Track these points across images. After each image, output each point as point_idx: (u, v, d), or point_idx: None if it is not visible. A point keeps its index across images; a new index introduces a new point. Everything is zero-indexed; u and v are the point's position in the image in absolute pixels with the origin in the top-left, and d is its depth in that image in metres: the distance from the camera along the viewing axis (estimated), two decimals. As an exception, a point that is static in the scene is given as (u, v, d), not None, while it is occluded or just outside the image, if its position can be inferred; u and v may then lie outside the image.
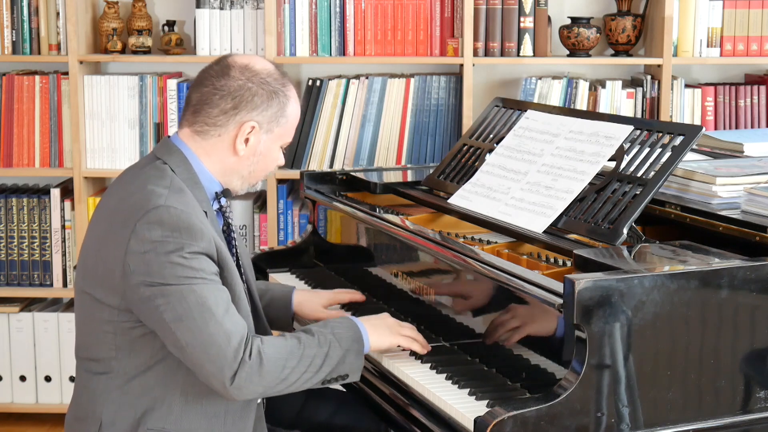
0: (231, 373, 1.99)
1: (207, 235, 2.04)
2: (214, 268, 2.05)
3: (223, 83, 2.14)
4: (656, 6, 3.72)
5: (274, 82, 2.17)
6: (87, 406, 2.12)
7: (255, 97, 2.15)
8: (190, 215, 2.03)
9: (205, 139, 2.17)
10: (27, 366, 3.87)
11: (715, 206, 2.36)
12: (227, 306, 2.03)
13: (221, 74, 2.15)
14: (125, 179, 2.17)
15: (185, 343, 1.99)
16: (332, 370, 2.11)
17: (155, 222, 2.01)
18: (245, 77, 2.15)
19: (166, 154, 2.16)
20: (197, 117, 2.16)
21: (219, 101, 2.14)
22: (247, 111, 2.15)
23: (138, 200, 2.05)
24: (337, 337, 2.13)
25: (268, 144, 2.20)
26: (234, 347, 1.99)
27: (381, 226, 2.63)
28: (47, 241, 3.80)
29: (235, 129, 2.15)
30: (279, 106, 2.18)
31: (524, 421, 1.83)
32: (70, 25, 3.67)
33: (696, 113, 3.73)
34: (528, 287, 2.03)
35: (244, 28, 3.74)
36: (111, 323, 2.07)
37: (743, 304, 1.99)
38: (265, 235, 3.76)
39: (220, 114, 2.14)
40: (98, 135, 3.75)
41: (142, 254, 2.00)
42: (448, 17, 3.72)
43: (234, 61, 2.17)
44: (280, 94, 2.18)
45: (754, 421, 2.02)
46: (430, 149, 3.75)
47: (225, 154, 2.18)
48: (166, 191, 2.06)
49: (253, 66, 2.17)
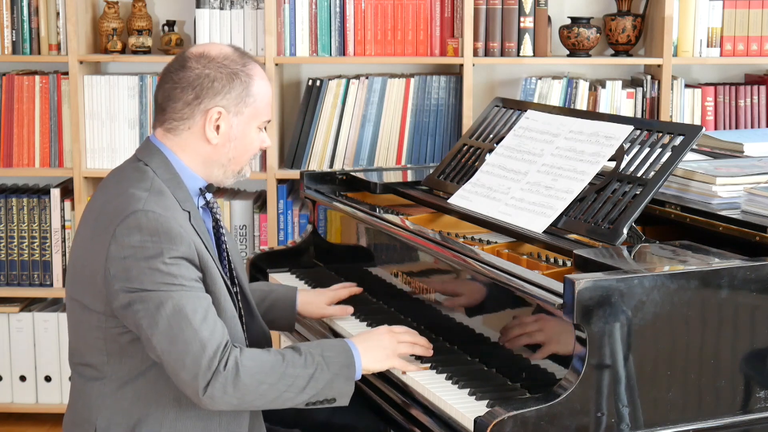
0: (204, 382, 1.96)
1: (187, 239, 2.02)
2: (194, 273, 2.03)
3: (181, 75, 2.13)
4: (656, 6, 3.72)
5: (232, 64, 2.15)
6: (82, 411, 2.12)
7: (214, 83, 2.12)
8: (169, 219, 2.01)
9: (177, 135, 2.15)
10: (27, 366, 3.87)
11: (715, 206, 2.36)
12: (206, 313, 2.00)
13: (179, 67, 2.14)
14: (109, 182, 2.16)
15: (161, 350, 1.97)
16: (317, 393, 2.07)
17: (134, 227, 1.99)
18: (201, 65, 2.13)
19: (147, 155, 2.15)
20: (165, 115, 2.15)
21: (180, 94, 2.13)
22: (210, 98, 2.12)
23: (118, 204, 2.04)
24: (326, 360, 2.08)
25: (241, 127, 2.17)
26: (209, 356, 1.96)
27: (381, 226, 2.63)
28: (47, 241, 3.80)
29: (202, 118, 2.13)
30: (242, 86, 2.15)
31: (524, 421, 1.83)
32: (70, 25, 3.67)
33: (696, 113, 3.73)
34: (528, 287, 2.03)
35: (244, 28, 3.74)
36: (100, 329, 2.06)
37: (743, 304, 1.99)
38: (265, 235, 3.76)
39: (184, 106, 2.13)
40: (98, 135, 3.75)
41: (122, 259, 1.98)
42: (448, 17, 3.72)
43: (190, 53, 2.16)
44: (241, 74, 2.15)
45: (754, 421, 2.02)
46: (430, 149, 3.75)
47: (199, 145, 2.15)
48: (146, 194, 2.05)
49: (209, 53, 2.15)
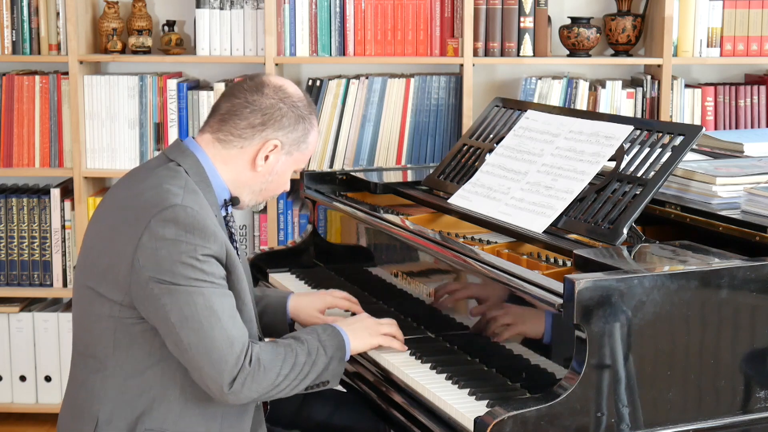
0: (230, 378, 2.01)
1: (219, 238, 2.05)
2: (222, 272, 2.07)
3: (256, 98, 2.18)
4: (656, 6, 3.72)
5: (303, 108, 2.23)
6: (83, 404, 2.12)
7: (284, 118, 2.19)
8: (204, 217, 2.05)
9: (226, 148, 2.19)
10: (27, 366, 3.88)
11: (715, 206, 2.36)
12: (232, 311, 2.05)
13: (255, 90, 2.20)
14: (136, 177, 2.17)
15: (188, 344, 2.00)
16: (317, 377, 2.13)
17: (171, 220, 2.02)
18: (278, 97, 2.20)
19: (179, 156, 2.17)
20: (223, 126, 2.19)
21: (249, 115, 2.18)
22: (274, 129, 2.19)
23: (153, 197, 2.06)
24: (323, 344, 2.15)
25: (285, 166, 2.24)
26: (236, 353, 2.01)
27: (381, 226, 2.63)
28: (47, 241, 3.80)
29: (259, 144, 2.19)
30: (303, 131, 2.23)
31: (524, 421, 1.83)
32: (70, 25, 3.67)
33: (696, 113, 3.73)
34: (528, 287, 2.03)
35: (244, 28, 3.74)
36: (111, 318, 2.07)
37: (743, 304, 1.99)
38: (265, 235, 3.76)
39: (248, 127, 2.18)
40: (98, 135, 3.75)
41: (154, 250, 2.01)
42: (448, 17, 3.72)
43: (269, 80, 2.22)
44: (307, 120, 2.23)
45: (754, 421, 2.01)
46: (430, 149, 3.75)
47: (243, 166, 2.20)
48: (182, 191, 2.07)
49: (287, 89, 2.22)
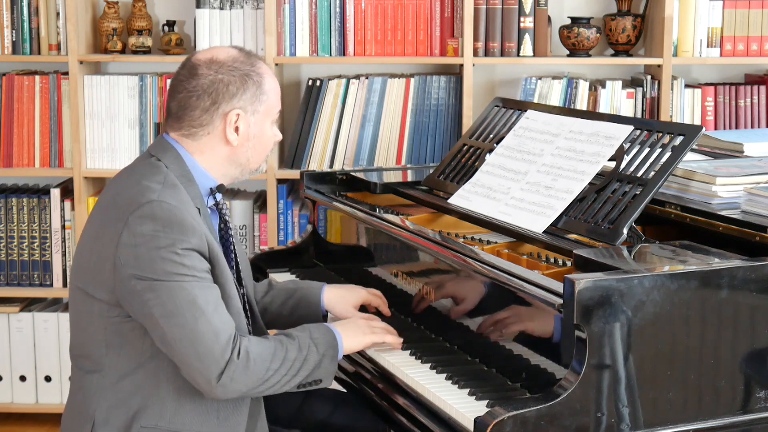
0: (218, 371, 2.01)
1: (199, 231, 2.05)
2: (205, 265, 2.06)
3: (195, 83, 2.16)
4: (656, 6, 3.72)
5: (242, 66, 2.19)
6: (81, 404, 2.14)
7: (229, 86, 2.16)
8: (182, 211, 2.05)
9: (195, 140, 2.19)
10: (27, 366, 3.88)
11: (715, 206, 2.35)
12: (216, 304, 2.04)
13: (190, 76, 2.17)
14: (121, 176, 2.19)
15: (173, 339, 2.01)
16: (309, 374, 2.12)
17: (148, 216, 2.02)
18: (213, 70, 2.17)
19: (160, 151, 2.18)
20: (182, 123, 2.18)
21: (197, 102, 2.16)
22: (227, 101, 2.16)
23: (131, 195, 2.07)
24: (315, 341, 2.14)
25: (258, 125, 2.22)
26: (222, 345, 2.01)
27: (381, 226, 2.62)
28: (47, 241, 3.80)
29: (222, 122, 2.17)
30: (255, 85, 2.19)
31: (524, 421, 1.83)
32: (70, 25, 3.67)
33: (696, 113, 3.73)
34: (528, 287, 2.03)
35: (244, 28, 3.74)
36: (101, 318, 2.08)
37: (743, 304, 1.99)
38: (265, 235, 3.76)
39: (203, 113, 2.16)
40: (98, 135, 3.75)
41: (133, 248, 2.01)
42: (448, 17, 3.71)
43: (198, 60, 2.19)
44: (252, 74, 2.19)
45: (754, 421, 2.01)
46: (430, 149, 3.75)
47: (219, 148, 2.19)
48: (160, 186, 2.08)
49: (218, 57, 2.19)
